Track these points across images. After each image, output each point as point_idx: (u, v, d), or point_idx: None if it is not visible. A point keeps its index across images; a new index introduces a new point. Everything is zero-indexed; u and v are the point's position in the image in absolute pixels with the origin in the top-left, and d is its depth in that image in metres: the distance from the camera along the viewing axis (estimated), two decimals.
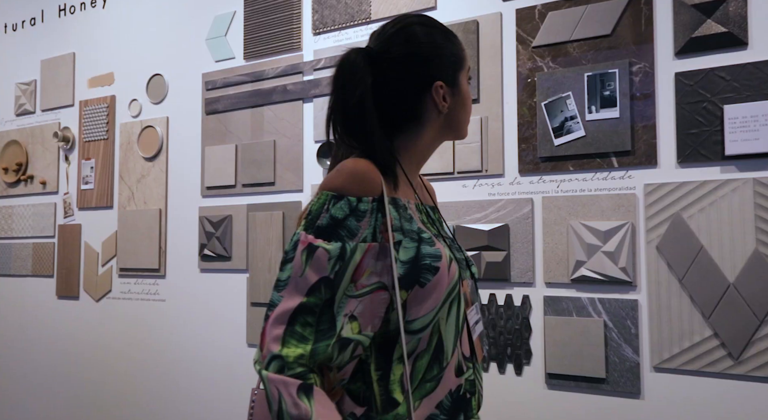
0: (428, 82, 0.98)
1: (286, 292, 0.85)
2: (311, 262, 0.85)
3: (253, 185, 2.75)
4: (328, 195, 0.90)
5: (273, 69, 2.72)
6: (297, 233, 0.89)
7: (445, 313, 0.94)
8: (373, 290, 0.88)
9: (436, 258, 0.92)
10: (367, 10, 2.50)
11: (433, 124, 1.00)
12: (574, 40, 2.08)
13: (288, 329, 0.83)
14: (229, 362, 2.77)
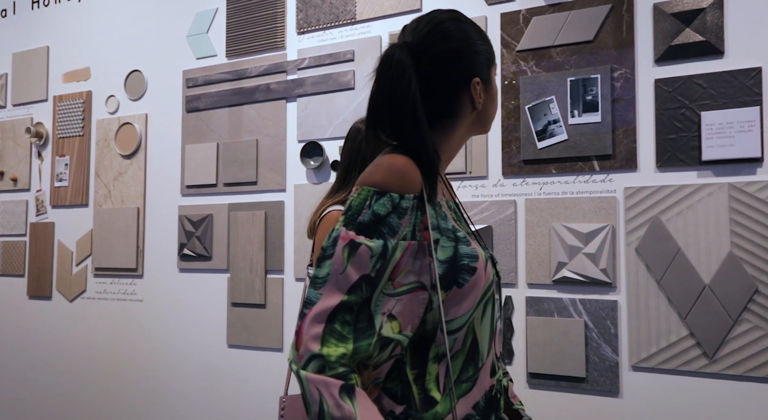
0: (467, 78, 0.96)
1: (325, 289, 0.83)
2: (353, 259, 0.82)
3: (234, 184, 2.72)
4: (370, 190, 0.87)
5: (256, 67, 2.70)
6: (336, 229, 0.86)
7: (480, 313, 0.93)
8: (411, 290, 0.86)
9: (474, 258, 0.91)
10: (352, 11, 2.50)
11: (466, 120, 0.99)
12: (558, 45, 2.11)
13: (327, 328, 0.80)
14: (210, 363, 2.74)
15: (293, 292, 2.56)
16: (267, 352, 2.60)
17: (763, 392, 1.80)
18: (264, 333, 2.60)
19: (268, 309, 2.60)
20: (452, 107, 0.97)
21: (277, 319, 2.58)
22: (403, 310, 0.85)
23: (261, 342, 2.60)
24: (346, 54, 2.49)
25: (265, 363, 2.60)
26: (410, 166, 0.88)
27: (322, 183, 2.53)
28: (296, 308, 2.54)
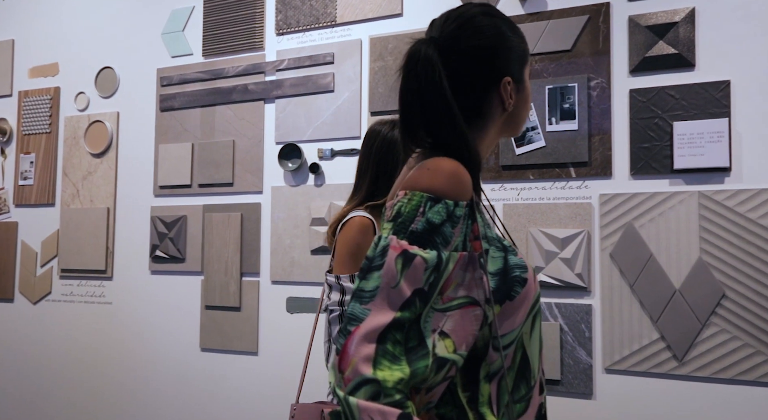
0: (497, 77, 0.89)
1: (375, 304, 0.74)
2: (407, 271, 0.74)
3: (210, 185, 2.68)
4: (423, 196, 0.78)
5: (233, 67, 2.67)
6: (385, 238, 0.78)
7: (528, 327, 0.86)
8: (462, 305, 0.79)
9: (524, 269, 0.84)
10: (333, 14, 2.50)
11: (496, 122, 0.92)
12: (536, 54, 2.16)
13: (380, 348, 0.72)
14: (182, 367, 2.69)
15: (269, 295, 2.53)
16: (242, 356, 2.57)
17: (728, 393, 1.86)
18: (239, 336, 2.57)
19: (243, 312, 2.57)
20: (480, 108, 0.90)
21: (252, 323, 2.55)
22: (456, 327, 0.78)
23: (235, 345, 2.57)
24: (325, 56, 2.49)
25: (240, 367, 2.57)
26: (463, 171, 0.81)
27: (300, 185, 2.51)
28: (272, 311, 2.52)
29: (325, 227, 2.43)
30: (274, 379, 2.50)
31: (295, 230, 2.49)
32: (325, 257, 2.43)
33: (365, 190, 1.48)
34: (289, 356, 2.48)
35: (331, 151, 2.45)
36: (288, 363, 2.48)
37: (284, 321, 2.50)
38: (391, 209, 0.82)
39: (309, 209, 2.47)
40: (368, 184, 1.48)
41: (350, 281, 1.35)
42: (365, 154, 1.51)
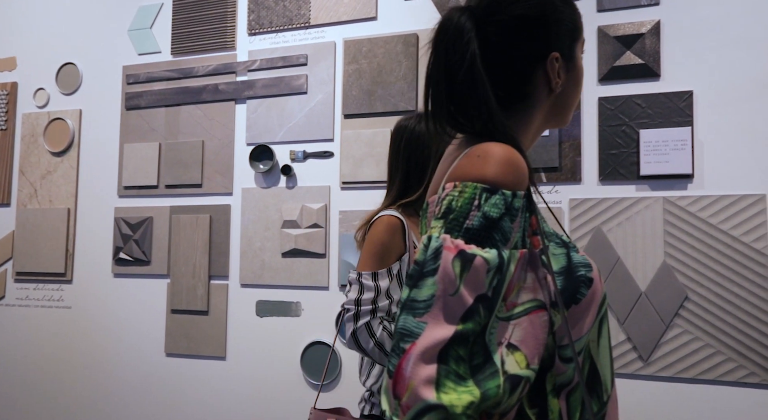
0: (543, 52, 0.77)
1: (431, 316, 0.63)
2: (467, 275, 0.63)
3: (177, 186, 2.62)
4: (477, 187, 0.67)
5: (203, 67, 2.62)
6: (436, 238, 0.66)
7: (596, 334, 0.75)
8: (529, 310, 0.68)
9: (588, 267, 0.73)
10: (307, 15, 2.49)
11: (542, 106, 0.79)
12: None
13: (442, 368, 0.61)
14: (146, 373, 2.61)
15: (238, 298, 2.49)
16: (209, 361, 2.52)
17: (690, 392, 1.93)
18: (206, 341, 2.51)
19: (211, 316, 2.52)
20: (523, 89, 0.78)
21: (220, 327, 2.50)
22: (525, 337, 0.67)
23: (202, 350, 2.51)
24: (299, 58, 2.47)
25: (207, 372, 2.51)
26: (518, 156, 0.70)
27: (272, 187, 2.48)
28: (241, 315, 2.48)
29: (297, 230, 2.40)
30: (242, 384, 2.46)
31: (266, 233, 2.46)
32: (296, 260, 2.41)
33: (397, 188, 1.40)
34: (258, 361, 2.44)
35: (304, 153, 2.43)
36: (257, 368, 2.44)
37: (254, 325, 2.46)
38: (438, 204, 0.70)
39: (280, 211, 2.44)
40: (399, 182, 1.40)
41: (371, 279, 1.27)
42: (394, 152, 1.42)
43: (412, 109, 2.30)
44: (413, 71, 2.31)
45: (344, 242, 2.33)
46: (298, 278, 2.40)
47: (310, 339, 2.36)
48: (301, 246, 2.39)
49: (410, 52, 2.31)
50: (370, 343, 1.23)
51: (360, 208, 2.34)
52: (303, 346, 2.36)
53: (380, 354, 1.23)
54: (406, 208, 1.38)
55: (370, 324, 1.24)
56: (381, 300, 1.26)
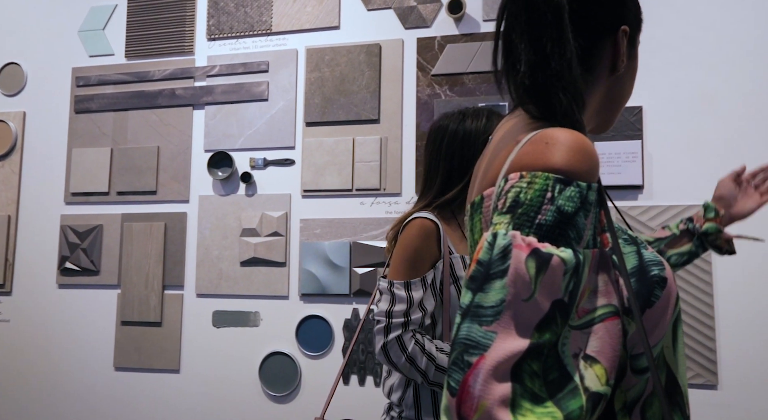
0: (615, 22, 0.70)
1: (502, 325, 0.54)
2: (543, 277, 0.55)
3: (130, 193, 2.53)
4: (549, 178, 0.58)
5: (160, 71, 2.55)
6: (503, 235, 0.57)
7: (670, 339, 0.67)
8: (604, 317, 0.59)
9: (661, 266, 0.66)
10: (268, 22, 2.47)
11: (600, 89, 0.72)
12: (470, 73, 2.25)
13: (518, 387, 0.53)
14: (93, 389, 2.49)
15: (194, 309, 2.42)
16: (161, 374, 2.42)
17: None
18: (158, 353, 2.42)
19: (165, 327, 2.43)
20: (590, 59, 0.69)
21: (174, 338, 2.41)
22: (603, 348, 0.59)
23: (155, 363, 2.42)
24: (260, 64, 2.44)
25: (159, 386, 2.42)
26: (590, 143, 0.61)
27: (230, 195, 2.43)
28: (197, 326, 2.41)
29: (256, 238, 2.36)
30: (197, 398, 2.38)
31: (224, 241, 2.40)
32: (255, 269, 2.36)
33: (437, 189, 1.30)
34: (214, 373, 2.37)
35: (264, 161, 2.40)
36: (213, 380, 2.37)
37: (210, 336, 2.39)
38: (500, 197, 0.61)
39: (239, 219, 2.39)
40: (440, 183, 1.29)
41: (404, 289, 1.18)
42: (434, 153, 1.32)
43: (375, 118, 2.32)
44: (376, 81, 2.33)
45: (305, 251, 2.31)
46: (257, 287, 2.35)
47: (269, 350, 2.31)
48: (260, 255, 2.35)
49: (373, 62, 2.33)
50: (401, 358, 1.16)
51: (321, 217, 2.32)
52: (261, 357, 2.31)
53: (411, 369, 1.16)
54: (442, 210, 1.28)
55: (402, 338, 1.16)
56: (413, 312, 1.18)
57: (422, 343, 1.17)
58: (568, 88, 0.64)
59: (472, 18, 2.28)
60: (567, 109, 0.64)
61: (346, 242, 2.28)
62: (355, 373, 2.24)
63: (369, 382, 2.23)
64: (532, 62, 0.65)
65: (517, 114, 0.71)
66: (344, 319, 2.26)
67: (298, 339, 2.29)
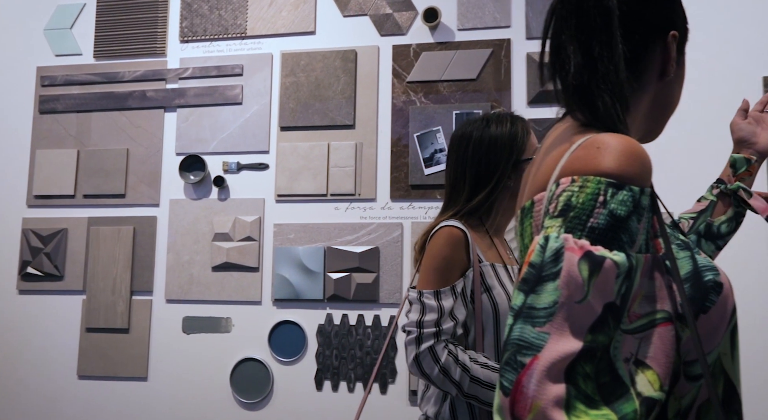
0: (665, 26, 0.70)
1: (554, 326, 0.55)
2: (596, 280, 0.56)
3: (97, 196, 2.47)
4: (601, 182, 0.59)
5: (130, 72, 2.50)
6: (555, 237, 0.58)
7: (727, 345, 0.67)
8: (656, 323, 0.61)
9: (715, 271, 0.65)
10: (243, 25, 2.46)
11: (648, 95, 0.72)
12: (445, 80, 2.28)
13: (572, 388, 0.54)
14: (55, 398, 2.40)
15: (163, 314, 2.37)
16: (128, 382, 2.36)
17: None
18: (125, 361, 2.36)
19: (132, 334, 2.37)
20: (638, 63, 0.70)
21: (142, 345, 2.35)
22: (656, 354, 0.60)
23: (121, 371, 2.36)
24: (234, 68, 2.43)
25: (125, 394, 2.36)
26: (643, 149, 0.62)
27: (202, 199, 2.40)
28: (166, 332, 2.35)
29: (229, 243, 2.33)
30: (166, 406, 2.32)
31: (195, 245, 2.37)
32: (228, 274, 2.33)
33: (466, 196, 1.28)
34: (183, 380, 2.32)
35: (237, 165, 2.38)
36: (182, 388, 2.32)
37: (179, 343, 2.34)
38: (551, 202, 0.62)
39: (212, 224, 2.36)
40: (468, 191, 1.28)
41: (434, 298, 1.16)
42: (459, 160, 1.30)
43: (350, 123, 2.32)
44: (351, 86, 2.34)
45: (279, 255, 2.29)
46: (229, 293, 2.32)
47: (240, 356, 2.28)
48: (233, 259, 2.32)
49: (349, 68, 2.34)
50: (434, 370, 1.13)
51: (295, 221, 2.31)
52: (233, 364, 2.27)
53: (444, 380, 1.13)
54: (469, 218, 1.27)
55: (434, 348, 1.13)
56: (445, 322, 1.15)
57: (455, 354, 1.14)
58: (613, 91, 0.65)
59: (447, 27, 2.32)
60: (610, 111, 0.65)
61: (321, 247, 2.27)
62: (328, 378, 2.23)
63: (342, 388, 2.22)
64: (580, 64, 0.66)
65: (565, 121, 0.72)
66: (317, 324, 2.25)
67: (270, 345, 2.26)
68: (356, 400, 2.19)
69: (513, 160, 1.27)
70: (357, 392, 2.20)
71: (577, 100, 0.68)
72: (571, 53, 0.67)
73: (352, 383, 2.21)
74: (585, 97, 0.67)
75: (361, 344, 2.22)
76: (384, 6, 2.36)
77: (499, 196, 1.27)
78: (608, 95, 0.65)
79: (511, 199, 1.29)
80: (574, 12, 0.67)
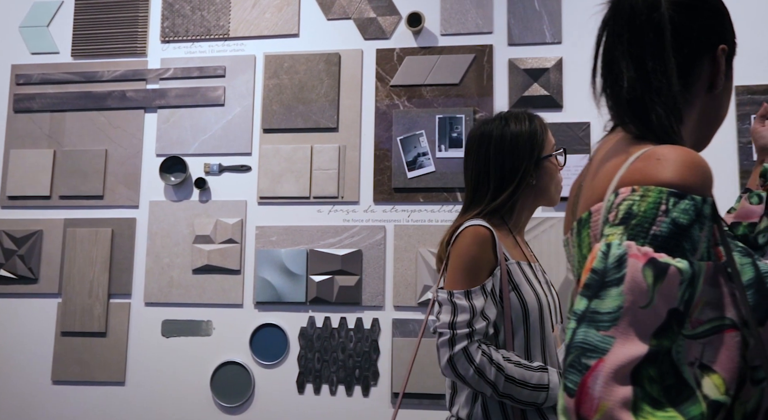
0: (714, 40, 0.72)
1: (620, 330, 0.57)
2: (660, 286, 0.58)
3: (74, 197, 2.42)
4: (662, 191, 0.61)
5: (109, 72, 2.47)
6: (618, 245, 0.60)
7: None
8: (719, 329, 0.62)
9: None
10: (226, 26, 2.44)
11: (697, 105, 0.74)
12: (428, 85, 2.30)
13: (639, 390, 0.55)
14: (28, 404, 2.34)
15: (141, 318, 2.33)
16: (105, 387, 2.32)
17: None
18: (102, 365, 2.31)
19: (110, 338, 2.33)
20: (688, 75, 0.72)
21: (120, 349, 2.31)
22: (721, 359, 0.61)
23: (98, 376, 2.31)
24: (216, 69, 2.41)
25: (102, 399, 2.31)
26: (704, 160, 0.64)
27: (183, 200, 2.37)
28: (144, 336, 2.32)
29: (210, 245, 2.31)
30: (143, 410, 2.28)
31: (176, 248, 2.34)
32: (209, 277, 2.31)
33: (491, 196, 1.27)
34: (162, 385, 2.29)
35: (219, 167, 2.36)
36: (161, 392, 2.28)
37: (158, 346, 2.31)
38: (610, 210, 0.64)
39: (192, 226, 2.33)
40: (492, 190, 1.27)
41: (465, 299, 1.15)
42: (481, 160, 1.29)
43: (334, 126, 2.33)
44: (335, 90, 2.35)
45: (261, 258, 2.28)
46: (210, 296, 2.30)
47: (221, 359, 2.26)
48: (214, 262, 2.30)
49: (332, 71, 2.35)
50: (469, 371, 1.12)
51: (278, 224, 2.30)
52: (213, 367, 2.25)
53: (480, 381, 1.12)
54: (492, 217, 1.26)
55: (468, 349, 1.12)
56: (477, 322, 1.14)
57: (489, 354, 1.13)
58: (667, 104, 0.68)
59: (431, 32, 2.34)
60: (664, 124, 0.68)
61: (303, 250, 2.27)
62: (310, 382, 2.22)
63: (324, 391, 2.21)
64: (633, 78, 0.69)
65: (616, 133, 0.75)
66: (300, 327, 2.24)
67: (252, 348, 2.25)
68: (338, 403, 2.19)
69: (535, 158, 1.27)
70: (339, 395, 2.20)
71: (630, 114, 0.71)
72: (624, 68, 0.70)
73: (334, 386, 2.21)
74: (639, 111, 0.69)
75: (343, 347, 2.22)
76: (368, 10, 2.38)
77: (522, 195, 1.27)
78: (662, 108, 0.68)
79: (532, 197, 1.29)
80: (626, 28, 0.70)
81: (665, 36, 0.68)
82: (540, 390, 1.15)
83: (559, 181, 1.35)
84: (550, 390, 1.15)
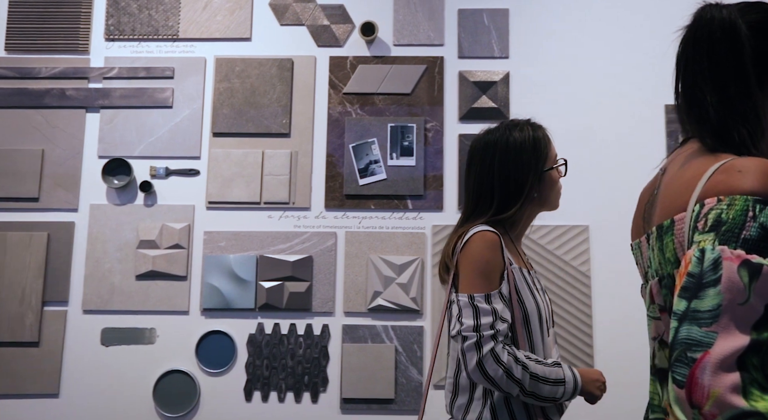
0: None
1: (721, 325, 0.65)
2: (756, 284, 0.65)
3: (6, 199, 2.29)
4: (748, 200, 0.70)
5: (47, 68, 2.36)
6: (711, 249, 0.68)
7: None
8: None
9: None
10: (175, 27, 2.39)
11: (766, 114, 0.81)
12: (380, 93, 2.34)
13: (746, 376, 0.63)
14: None
15: (79, 326, 2.22)
16: (36, 400, 2.19)
17: None
18: (34, 377, 2.19)
19: (43, 347, 2.21)
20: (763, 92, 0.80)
21: (54, 359, 2.20)
22: None
23: (30, 388, 2.19)
24: (164, 70, 2.35)
25: (34, 412, 2.18)
26: None
27: (127, 204, 2.29)
28: (81, 345, 2.21)
29: (155, 250, 2.24)
30: None
31: (118, 253, 2.25)
32: (153, 283, 2.23)
33: (494, 209, 1.27)
34: (100, 396, 2.19)
35: (166, 170, 2.30)
36: (99, 403, 2.19)
37: (96, 356, 2.21)
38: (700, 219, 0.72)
39: (137, 230, 2.26)
40: (497, 203, 1.27)
41: (485, 302, 1.17)
42: (486, 170, 1.29)
43: (286, 132, 2.32)
44: (287, 95, 2.34)
45: (209, 264, 2.23)
46: (154, 302, 2.23)
47: (165, 368, 2.19)
48: (159, 268, 2.23)
49: (285, 77, 2.34)
50: (498, 371, 1.12)
51: (228, 229, 2.27)
52: (156, 377, 2.18)
53: (508, 381, 1.13)
54: (495, 226, 1.26)
55: (495, 351, 1.13)
56: (499, 324, 1.16)
57: (514, 354, 1.15)
58: (752, 125, 0.75)
59: (384, 42, 2.38)
60: (745, 141, 0.75)
61: (253, 256, 2.24)
62: (258, 389, 2.19)
63: (273, 399, 2.19)
64: (717, 103, 0.76)
65: (689, 146, 0.82)
66: (248, 334, 2.21)
67: (197, 356, 2.19)
68: (286, 410, 2.17)
69: (539, 171, 1.28)
70: (287, 402, 2.18)
71: (713, 134, 0.77)
72: (707, 93, 0.77)
73: (282, 393, 2.19)
74: (722, 131, 0.76)
75: (293, 353, 2.21)
76: (321, 17, 2.39)
77: (527, 207, 1.29)
78: (745, 128, 0.76)
79: (535, 207, 1.31)
80: (706, 56, 0.77)
81: (745, 62, 0.75)
82: (558, 384, 1.18)
83: (560, 188, 1.36)
84: (566, 383, 1.19)
